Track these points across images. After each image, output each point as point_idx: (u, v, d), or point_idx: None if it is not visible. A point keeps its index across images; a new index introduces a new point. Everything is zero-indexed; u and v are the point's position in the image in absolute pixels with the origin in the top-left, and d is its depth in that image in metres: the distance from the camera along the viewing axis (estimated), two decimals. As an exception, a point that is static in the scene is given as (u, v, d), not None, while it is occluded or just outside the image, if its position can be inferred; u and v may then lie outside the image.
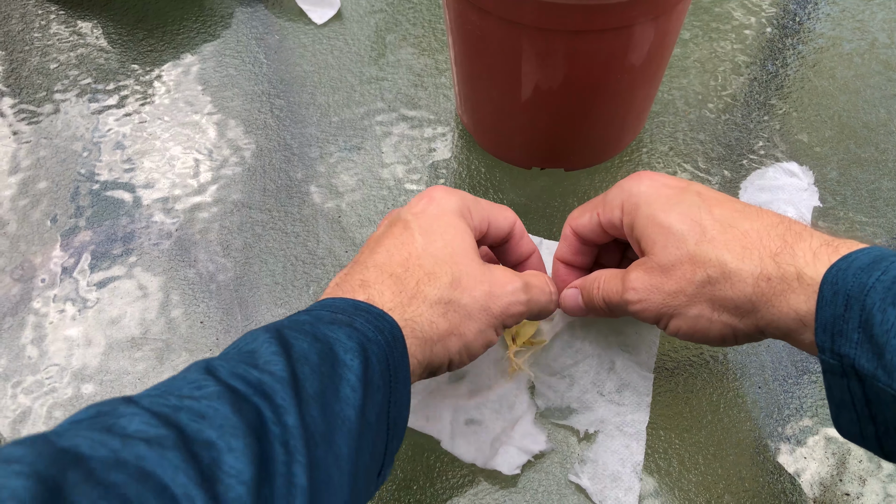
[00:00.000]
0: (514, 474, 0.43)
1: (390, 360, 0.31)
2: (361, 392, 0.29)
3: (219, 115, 0.61)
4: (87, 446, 0.21)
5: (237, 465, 0.23)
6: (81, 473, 0.19)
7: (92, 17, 0.69)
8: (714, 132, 0.59)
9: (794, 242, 0.33)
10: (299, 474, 0.24)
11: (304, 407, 0.26)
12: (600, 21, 0.42)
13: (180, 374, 0.27)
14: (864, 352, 0.29)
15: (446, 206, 0.38)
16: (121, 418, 0.23)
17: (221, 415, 0.24)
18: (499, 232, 0.41)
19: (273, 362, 0.27)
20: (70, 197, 0.57)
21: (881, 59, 0.63)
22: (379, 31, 0.66)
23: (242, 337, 0.31)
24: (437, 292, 0.35)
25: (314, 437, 0.26)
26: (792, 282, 0.32)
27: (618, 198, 0.39)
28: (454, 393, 0.45)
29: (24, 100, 0.63)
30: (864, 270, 0.30)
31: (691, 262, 0.35)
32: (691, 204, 0.36)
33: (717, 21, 0.66)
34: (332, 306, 0.33)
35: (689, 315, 0.35)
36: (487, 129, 0.56)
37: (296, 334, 0.29)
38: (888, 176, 0.56)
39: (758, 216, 0.35)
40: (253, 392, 0.26)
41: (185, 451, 0.22)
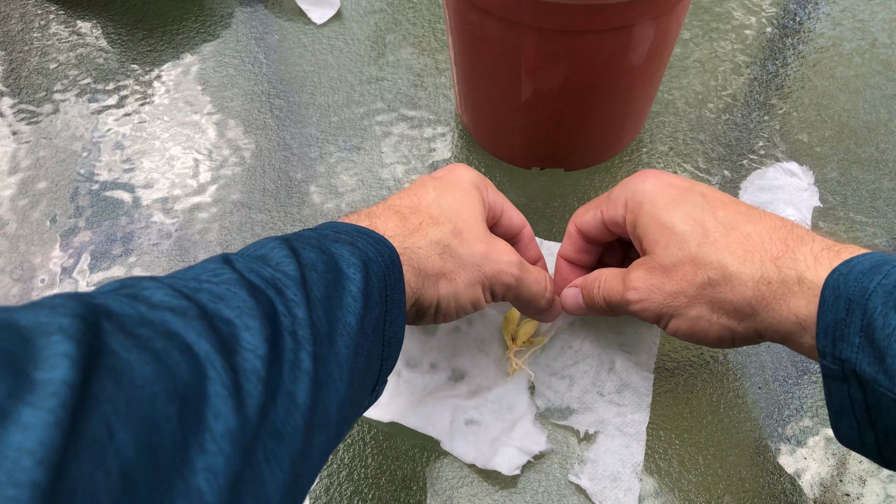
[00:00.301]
0: (513, 475, 0.43)
1: (388, 280, 0.32)
2: (362, 303, 0.30)
3: (218, 115, 0.61)
4: (117, 306, 0.22)
5: (253, 341, 0.24)
6: (116, 324, 0.21)
7: (91, 17, 0.69)
8: (714, 132, 0.59)
9: (795, 246, 0.33)
10: (305, 360, 0.26)
11: (312, 305, 0.28)
12: (600, 21, 0.42)
13: (199, 264, 0.29)
14: (865, 356, 0.29)
15: (465, 176, 0.41)
16: (145, 290, 0.24)
17: (239, 297, 0.26)
18: (510, 226, 0.43)
19: (285, 263, 0.29)
20: (69, 197, 0.57)
21: (881, 58, 0.63)
22: (379, 31, 0.66)
23: (251, 244, 0.32)
24: (437, 234, 0.37)
25: (319, 334, 0.27)
26: (792, 286, 0.32)
27: (622, 195, 0.39)
28: (454, 393, 0.45)
29: (24, 100, 0.63)
30: (866, 275, 0.30)
31: (693, 263, 0.35)
32: (695, 205, 0.36)
33: (718, 21, 0.66)
34: (335, 227, 0.34)
35: (688, 316, 0.35)
36: (487, 128, 0.56)
37: (303, 245, 0.31)
38: (888, 176, 0.56)
39: (760, 219, 0.35)
40: (267, 286, 0.27)
41: (207, 322, 0.24)
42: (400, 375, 0.46)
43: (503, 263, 0.38)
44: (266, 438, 0.23)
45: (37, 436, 0.16)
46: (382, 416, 0.44)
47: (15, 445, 0.15)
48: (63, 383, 0.17)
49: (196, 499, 0.20)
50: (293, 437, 0.25)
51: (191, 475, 0.20)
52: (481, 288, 0.38)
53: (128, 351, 0.20)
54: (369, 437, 0.45)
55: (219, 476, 0.20)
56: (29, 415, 0.16)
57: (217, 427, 0.21)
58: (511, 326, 0.46)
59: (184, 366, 0.21)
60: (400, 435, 0.45)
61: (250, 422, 0.22)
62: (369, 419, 0.45)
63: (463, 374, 0.46)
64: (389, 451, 0.44)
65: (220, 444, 0.21)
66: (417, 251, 0.36)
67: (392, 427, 0.45)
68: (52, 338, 0.18)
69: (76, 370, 0.18)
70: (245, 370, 0.23)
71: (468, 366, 0.46)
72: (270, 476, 0.23)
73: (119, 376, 0.19)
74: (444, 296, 0.36)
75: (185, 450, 0.20)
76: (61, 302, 0.20)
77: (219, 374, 0.22)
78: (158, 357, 0.21)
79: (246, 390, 0.23)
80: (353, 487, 0.43)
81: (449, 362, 0.46)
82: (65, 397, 0.17)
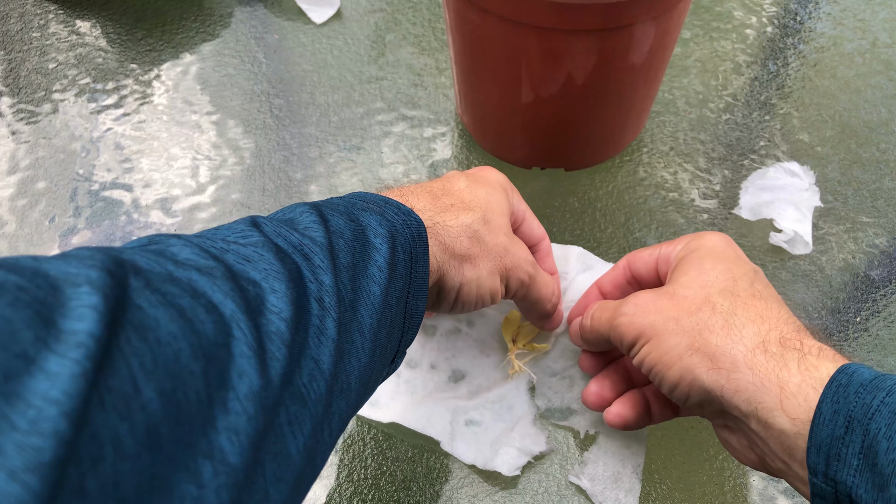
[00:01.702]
0: (514, 475, 0.43)
1: (414, 252, 0.32)
2: (387, 273, 0.30)
3: (218, 115, 0.61)
4: (144, 262, 0.22)
5: (279, 304, 0.24)
6: (142, 280, 0.21)
7: (91, 17, 0.68)
8: (715, 132, 0.59)
9: (804, 337, 0.32)
10: (330, 326, 0.26)
11: (338, 273, 0.28)
12: (600, 21, 0.41)
13: (226, 225, 0.28)
14: (863, 481, 0.27)
15: (494, 177, 0.41)
16: (171, 247, 0.24)
17: (266, 260, 0.26)
18: (530, 235, 0.43)
19: (312, 229, 0.29)
20: (69, 197, 0.56)
21: (882, 58, 0.63)
22: (378, 31, 0.66)
23: (281, 209, 0.32)
24: (468, 219, 0.37)
25: (343, 302, 0.27)
26: (790, 362, 0.31)
27: (687, 239, 0.39)
28: (454, 394, 0.45)
29: (23, 100, 0.62)
30: (868, 389, 0.28)
31: (705, 300, 0.34)
32: (741, 269, 0.36)
33: (718, 20, 0.66)
34: (363, 197, 0.34)
35: (664, 343, 0.34)
36: (487, 128, 0.56)
37: (332, 212, 0.31)
38: (889, 176, 0.55)
39: (787, 310, 0.35)
40: (294, 251, 0.27)
41: (233, 283, 0.23)
42: (400, 376, 0.45)
43: (520, 259, 0.39)
44: (290, 402, 0.23)
45: (62, 385, 0.16)
46: (382, 416, 0.44)
47: (41, 394, 0.15)
48: (89, 335, 0.17)
49: (218, 457, 0.20)
50: (316, 402, 0.25)
51: (214, 433, 0.20)
52: (499, 279, 0.38)
53: (154, 307, 0.20)
54: (369, 438, 0.45)
55: (241, 436, 0.20)
56: (55, 363, 0.16)
57: (241, 387, 0.21)
58: (511, 328, 0.46)
59: (209, 324, 0.21)
60: (400, 436, 0.45)
61: (273, 383, 0.22)
62: (369, 420, 0.45)
63: (463, 375, 0.46)
64: (389, 451, 0.44)
65: (244, 404, 0.21)
66: (448, 229, 0.36)
67: (392, 428, 0.45)
68: (81, 289, 0.18)
69: (102, 323, 0.17)
70: (269, 332, 0.23)
71: (468, 366, 0.46)
72: (292, 439, 0.23)
73: (145, 332, 0.19)
74: (467, 280, 0.36)
75: (210, 408, 0.20)
76: (89, 254, 0.20)
77: (244, 335, 0.22)
78: (184, 314, 0.21)
79: (270, 352, 0.23)
80: (353, 488, 0.43)
81: (449, 363, 0.46)
82: (91, 349, 0.17)
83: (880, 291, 0.50)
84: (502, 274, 0.38)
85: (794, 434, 0.30)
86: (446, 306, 0.38)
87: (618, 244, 0.53)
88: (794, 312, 0.48)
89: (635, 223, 0.54)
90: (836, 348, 0.31)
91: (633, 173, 0.56)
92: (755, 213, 0.52)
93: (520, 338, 0.46)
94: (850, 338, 0.48)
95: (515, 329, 0.46)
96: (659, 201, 0.55)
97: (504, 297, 0.40)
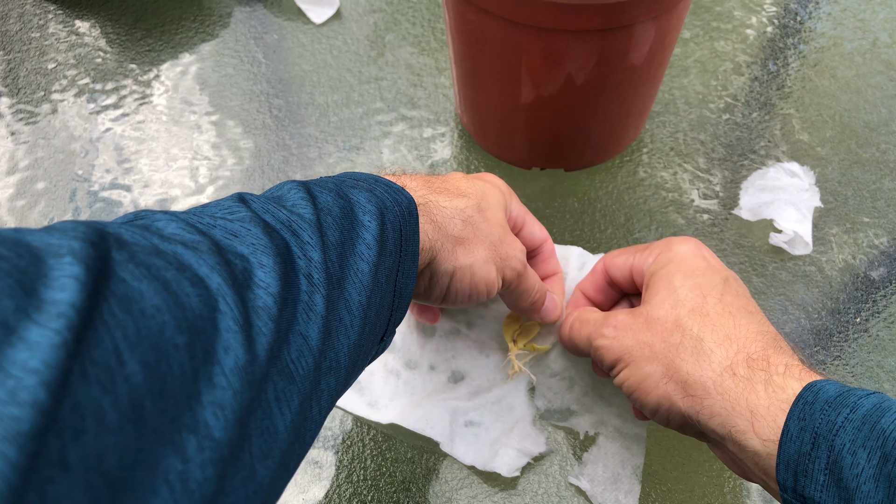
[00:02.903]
0: (513, 476, 0.42)
1: (403, 231, 0.32)
2: (376, 251, 0.30)
3: (217, 115, 0.61)
4: (129, 235, 0.22)
5: (266, 279, 0.24)
6: (126, 253, 0.20)
7: (90, 17, 0.68)
8: (715, 132, 0.58)
9: (772, 354, 0.33)
10: (319, 303, 0.26)
11: (326, 249, 0.28)
12: (600, 21, 0.41)
13: (213, 202, 0.28)
14: (830, 496, 0.28)
15: (493, 179, 0.41)
16: (157, 222, 0.24)
17: (253, 234, 0.25)
18: (531, 239, 0.43)
19: (300, 206, 0.29)
20: (68, 197, 0.56)
21: (882, 58, 0.63)
22: (378, 31, 0.66)
23: (270, 188, 0.32)
24: (462, 204, 0.37)
25: (332, 278, 0.27)
26: (757, 384, 0.32)
27: (657, 249, 0.40)
28: (454, 395, 0.45)
29: (22, 100, 0.62)
30: (832, 405, 0.29)
31: (675, 324, 0.35)
32: (710, 282, 0.36)
33: (718, 20, 0.66)
34: (353, 176, 0.34)
35: (642, 370, 0.35)
36: (487, 128, 0.56)
37: (320, 189, 0.31)
38: (889, 176, 0.55)
39: (757, 321, 0.35)
40: (282, 227, 0.27)
41: (220, 257, 0.23)
42: (399, 377, 0.45)
43: (514, 251, 0.39)
44: (277, 377, 0.23)
45: (42, 355, 0.15)
46: (382, 417, 0.44)
47: (20, 363, 0.15)
48: (70, 305, 0.17)
49: (203, 432, 0.19)
50: (304, 378, 0.24)
51: (199, 408, 0.19)
52: (495, 268, 0.37)
53: (138, 280, 0.20)
54: (368, 439, 0.45)
55: (226, 410, 0.20)
56: (35, 333, 0.16)
57: (227, 361, 0.21)
58: (512, 328, 0.46)
59: (195, 298, 0.21)
60: (399, 437, 0.45)
61: (259, 359, 0.22)
62: (368, 421, 0.45)
63: (463, 376, 0.45)
64: (389, 452, 0.44)
65: (230, 379, 0.21)
66: (441, 209, 0.36)
67: (391, 429, 0.45)
68: (63, 259, 0.18)
69: (84, 294, 0.17)
70: (256, 307, 0.23)
71: (468, 367, 0.46)
72: (280, 415, 0.23)
73: (129, 304, 0.19)
74: (461, 265, 0.36)
75: (195, 382, 0.20)
76: (72, 226, 0.20)
77: (230, 309, 0.22)
78: (169, 287, 0.20)
79: (256, 327, 0.22)
80: (353, 489, 0.43)
81: (448, 364, 0.46)
82: (71, 320, 0.16)
83: (880, 292, 0.50)
84: (498, 264, 0.37)
85: (767, 455, 0.30)
86: (438, 293, 0.37)
87: (617, 244, 0.52)
88: (795, 313, 0.49)
89: (635, 224, 0.53)
90: (836, 349, 0.32)
91: (633, 174, 0.56)
92: (755, 213, 0.52)
93: (520, 338, 0.46)
94: (850, 338, 0.48)
95: (516, 329, 0.46)
96: (659, 202, 0.55)
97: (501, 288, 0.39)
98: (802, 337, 0.48)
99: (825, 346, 0.48)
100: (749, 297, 0.37)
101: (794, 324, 0.48)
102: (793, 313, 0.49)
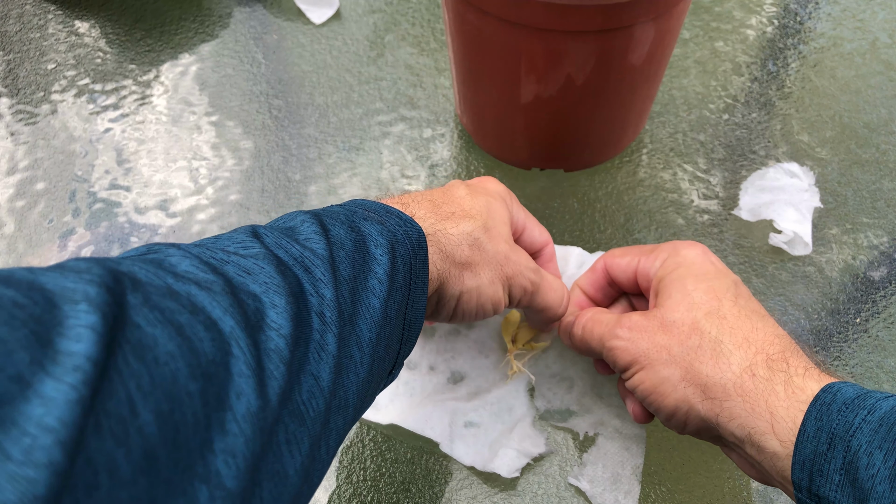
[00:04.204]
0: (513, 477, 0.42)
1: (413, 263, 0.32)
2: (387, 286, 0.30)
3: (217, 116, 0.61)
4: (143, 274, 0.22)
5: (279, 319, 0.24)
6: (140, 296, 0.20)
7: (90, 18, 0.68)
8: (715, 132, 0.58)
9: (790, 356, 0.33)
10: (331, 342, 0.26)
11: (338, 285, 0.27)
12: (600, 21, 0.41)
13: (227, 234, 0.28)
14: (844, 496, 0.28)
15: (493, 187, 0.41)
16: (170, 257, 0.24)
17: (266, 273, 0.25)
18: (532, 242, 0.43)
19: (314, 240, 0.29)
20: (68, 198, 0.56)
21: (882, 58, 0.63)
22: (378, 31, 0.66)
23: (281, 216, 0.32)
24: (469, 227, 0.37)
25: (343, 315, 0.27)
26: (777, 385, 0.32)
27: (664, 253, 0.39)
28: (453, 395, 0.45)
29: (22, 100, 0.62)
30: (850, 407, 0.29)
31: (692, 327, 0.35)
32: (722, 285, 0.36)
33: (718, 21, 0.66)
34: (364, 205, 0.34)
35: (659, 373, 0.35)
36: (487, 129, 0.56)
37: (333, 221, 0.30)
38: (889, 176, 0.55)
39: (772, 324, 0.35)
40: (295, 263, 0.27)
41: (233, 297, 0.23)
42: (399, 378, 0.45)
43: (522, 267, 0.38)
44: (288, 420, 0.23)
45: (58, 412, 0.15)
46: (382, 418, 0.44)
47: (35, 420, 0.15)
48: (87, 358, 0.16)
49: (214, 481, 0.19)
50: (314, 419, 0.24)
51: (211, 456, 0.19)
52: (502, 287, 0.38)
53: (152, 325, 0.19)
54: (368, 440, 0.45)
55: (238, 458, 0.20)
56: (51, 388, 0.15)
57: (239, 407, 0.21)
58: (511, 328, 0.46)
59: (208, 342, 0.21)
60: (399, 437, 0.45)
61: (271, 403, 0.22)
62: (368, 421, 0.45)
63: (462, 377, 0.45)
64: (388, 453, 0.44)
65: (241, 426, 0.20)
66: (449, 237, 0.36)
67: (391, 429, 0.45)
68: (79, 306, 0.17)
69: (101, 345, 0.17)
70: (268, 349, 0.23)
71: (467, 368, 0.46)
72: (290, 459, 0.23)
73: (143, 351, 0.18)
74: (467, 289, 0.36)
75: (208, 430, 0.19)
76: (86, 267, 0.19)
77: (243, 353, 0.22)
78: (182, 332, 0.20)
79: (268, 370, 0.22)
80: (352, 490, 0.43)
81: (448, 364, 0.46)
82: (88, 373, 0.16)
83: (880, 292, 0.50)
84: (504, 283, 0.38)
85: (785, 456, 0.30)
86: (445, 315, 0.37)
87: (617, 245, 0.52)
88: (794, 314, 0.49)
89: (635, 224, 0.53)
90: (836, 349, 0.32)
91: (633, 174, 0.56)
92: (755, 213, 0.52)
93: (519, 338, 0.46)
94: (850, 339, 0.48)
95: (514, 329, 0.46)
96: (658, 202, 0.55)
97: (508, 305, 0.39)
98: (802, 337, 0.48)
99: (825, 347, 0.48)
100: (754, 299, 0.37)
101: (793, 324, 0.48)
102: (792, 314, 0.49)
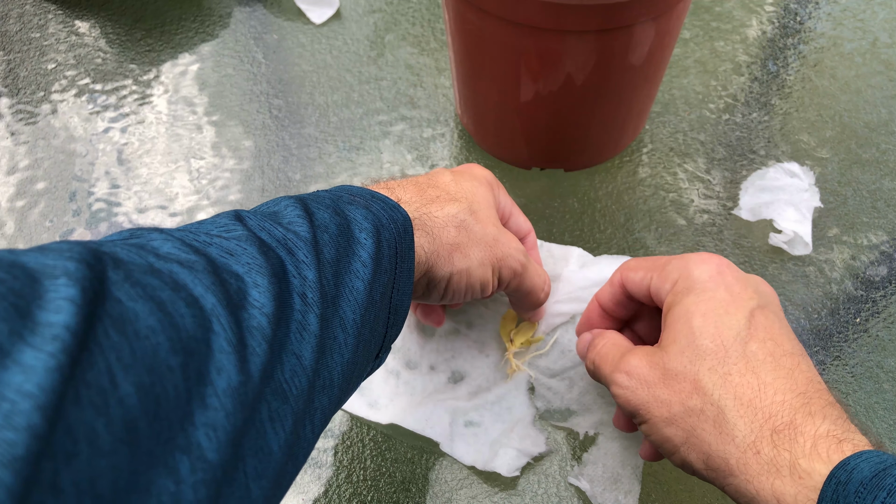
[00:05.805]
0: (513, 476, 0.42)
1: (399, 248, 0.32)
2: (371, 269, 0.30)
3: (217, 116, 0.61)
4: (125, 254, 0.22)
5: (261, 298, 0.24)
6: (122, 273, 0.20)
7: (90, 17, 0.68)
8: (715, 132, 0.58)
9: (801, 423, 0.30)
10: (313, 322, 0.26)
11: (321, 267, 0.28)
12: (600, 21, 0.41)
13: (209, 218, 0.28)
14: None
15: (480, 172, 0.41)
16: (152, 241, 0.24)
17: (249, 254, 0.25)
18: (517, 230, 0.43)
19: (297, 223, 0.29)
20: (68, 198, 0.56)
21: (882, 58, 0.63)
22: (378, 31, 0.66)
23: (266, 202, 0.32)
24: (454, 209, 0.37)
25: (326, 297, 0.27)
26: (782, 468, 0.30)
27: (676, 272, 0.36)
28: (453, 395, 0.45)
29: (22, 100, 0.62)
30: (868, 489, 0.27)
31: (693, 385, 0.33)
32: (733, 325, 0.33)
33: (718, 20, 0.66)
34: (350, 190, 0.34)
35: (661, 432, 0.33)
36: (487, 129, 0.56)
37: (318, 205, 0.31)
38: (889, 176, 0.55)
39: (787, 373, 0.32)
40: (278, 245, 0.27)
41: (215, 276, 0.23)
42: (399, 377, 0.45)
43: (511, 248, 0.39)
44: (271, 397, 0.23)
45: (37, 379, 0.16)
46: (381, 417, 0.44)
47: (15, 387, 0.15)
48: (65, 328, 0.17)
49: (196, 453, 0.19)
50: (297, 397, 0.25)
51: (192, 429, 0.20)
52: (491, 269, 0.38)
53: (133, 300, 0.20)
54: (368, 439, 0.45)
55: (219, 432, 0.20)
56: (30, 356, 0.16)
57: (220, 382, 0.21)
58: (509, 327, 0.46)
59: (189, 318, 0.21)
60: (399, 437, 0.45)
61: (253, 379, 0.22)
62: (368, 421, 0.45)
63: (462, 376, 0.46)
64: (388, 453, 0.44)
65: (222, 400, 0.21)
66: (434, 219, 0.36)
67: (391, 429, 0.45)
68: (58, 280, 0.18)
69: (80, 316, 0.17)
70: (250, 327, 0.23)
71: (467, 367, 0.46)
72: (274, 435, 0.23)
73: (123, 325, 0.19)
74: (457, 270, 0.36)
75: (188, 403, 0.20)
76: (68, 247, 0.20)
77: (224, 329, 0.22)
78: (164, 307, 0.20)
79: (250, 347, 0.23)
80: (352, 489, 0.43)
81: (448, 364, 0.46)
82: (67, 342, 0.16)
83: (880, 292, 0.50)
84: (493, 265, 0.38)
85: None
86: (436, 296, 0.37)
87: (617, 245, 0.52)
88: (794, 313, 0.49)
89: (635, 224, 0.53)
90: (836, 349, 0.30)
91: (633, 174, 0.56)
92: (755, 213, 0.52)
93: (517, 337, 0.46)
94: (849, 339, 0.48)
95: (513, 328, 0.46)
96: (658, 202, 0.55)
97: (497, 288, 0.39)
98: (802, 337, 0.48)
99: (825, 347, 0.48)
100: (776, 332, 0.33)
101: (793, 324, 0.48)
102: (793, 313, 0.49)
